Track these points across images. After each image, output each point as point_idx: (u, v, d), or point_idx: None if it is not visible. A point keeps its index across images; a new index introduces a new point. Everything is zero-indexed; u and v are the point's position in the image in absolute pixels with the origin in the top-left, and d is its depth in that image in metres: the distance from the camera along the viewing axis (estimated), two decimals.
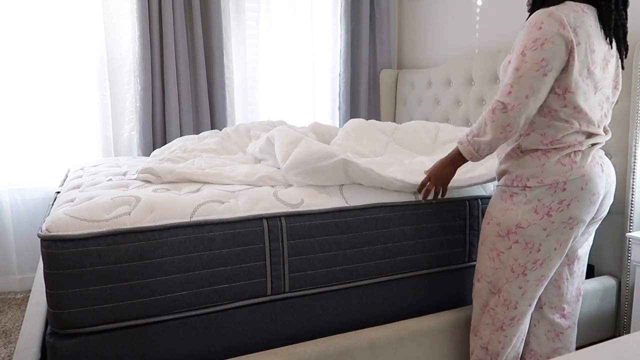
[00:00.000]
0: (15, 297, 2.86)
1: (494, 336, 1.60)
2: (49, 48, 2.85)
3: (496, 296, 1.57)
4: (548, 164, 1.43)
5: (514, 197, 1.49)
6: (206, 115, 3.15)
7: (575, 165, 1.42)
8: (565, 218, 1.43)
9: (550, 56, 1.34)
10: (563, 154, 1.43)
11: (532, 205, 1.45)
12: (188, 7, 3.06)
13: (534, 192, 1.45)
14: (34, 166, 2.91)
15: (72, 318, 1.37)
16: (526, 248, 1.48)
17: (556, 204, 1.43)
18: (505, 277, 1.53)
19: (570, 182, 1.41)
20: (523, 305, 1.55)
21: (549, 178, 1.43)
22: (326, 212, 1.63)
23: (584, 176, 1.42)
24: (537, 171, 1.44)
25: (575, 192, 1.42)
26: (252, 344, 1.58)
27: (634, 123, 2.01)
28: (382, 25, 3.61)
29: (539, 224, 1.44)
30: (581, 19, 1.36)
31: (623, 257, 2.11)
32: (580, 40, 1.36)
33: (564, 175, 1.42)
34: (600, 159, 1.48)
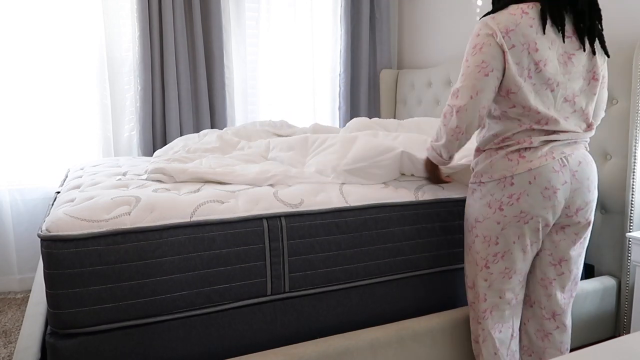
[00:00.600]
0: (15, 297, 2.86)
1: (476, 329, 1.67)
2: (49, 48, 2.85)
3: (472, 290, 1.65)
4: (496, 160, 1.50)
5: (474, 193, 1.58)
6: (206, 115, 3.15)
7: (523, 160, 1.46)
8: (517, 212, 1.48)
9: (488, 58, 1.42)
10: (511, 150, 1.48)
11: (486, 200, 1.53)
12: (188, 7, 3.06)
13: (487, 187, 1.52)
14: (34, 166, 2.91)
15: (72, 318, 1.37)
16: (484, 241, 1.55)
17: (506, 197, 1.48)
18: (474, 271, 1.61)
19: (517, 176, 1.46)
20: (492, 297, 1.60)
21: (497, 173, 1.49)
22: (326, 212, 1.63)
23: (531, 170, 1.45)
24: (487, 167, 1.52)
25: (523, 186, 1.46)
26: (252, 344, 1.58)
27: (634, 123, 2.01)
28: (382, 25, 3.61)
29: (492, 218, 1.51)
30: (516, 22, 1.40)
31: (623, 257, 2.11)
32: (514, 43, 1.40)
33: (510, 170, 1.47)
34: (561, 154, 1.46)
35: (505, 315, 1.63)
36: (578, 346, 2.06)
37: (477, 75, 1.43)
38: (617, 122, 2.08)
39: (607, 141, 2.13)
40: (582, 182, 1.49)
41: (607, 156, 2.14)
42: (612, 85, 2.09)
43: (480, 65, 1.42)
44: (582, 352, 0.78)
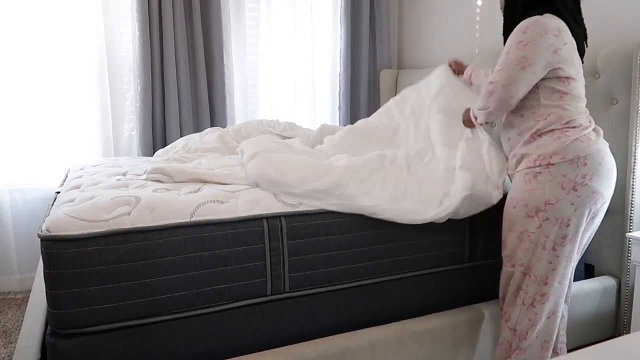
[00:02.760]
0: (15, 297, 2.85)
1: (523, 315, 1.64)
2: (48, 48, 2.85)
3: (527, 276, 1.63)
4: (569, 141, 1.54)
5: (537, 176, 1.57)
6: (206, 115, 3.15)
7: (591, 142, 1.56)
8: (589, 192, 1.54)
9: (530, 55, 1.54)
10: (580, 131, 1.56)
11: (557, 181, 1.54)
12: (188, 7, 3.06)
13: (557, 168, 1.54)
14: (34, 166, 2.91)
15: (72, 318, 1.37)
16: (556, 224, 1.55)
17: (580, 177, 1.53)
18: (537, 255, 1.60)
19: (590, 156, 1.53)
20: (553, 281, 1.61)
21: (570, 153, 1.53)
22: (326, 212, 1.63)
23: (600, 152, 1.55)
24: (559, 148, 1.55)
25: (594, 166, 1.54)
26: (252, 344, 1.58)
27: (634, 123, 2.01)
28: (382, 25, 3.60)
29: (566, 199, 1.54)
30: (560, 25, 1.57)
31: (623, 257, 2.11)
32: (566, 41, 1.57)
33: (584, 150, 1.53)
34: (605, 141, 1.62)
35: (560, 302, 1.65)
36: (578, 346, 2.06)
37: (514, 68, 1.56)
38: (617, 122, 2.08)
39: (607, 141, 2.13)
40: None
41: None
42: (612, 85, 2.09)
43: (520, 59, 1.55)
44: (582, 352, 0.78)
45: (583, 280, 2.13)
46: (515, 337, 1.65)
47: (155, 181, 1.83)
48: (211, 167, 1.98)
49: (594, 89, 2.15)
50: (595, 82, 2.15)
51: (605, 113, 2.13)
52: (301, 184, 1.65)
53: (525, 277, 1.64)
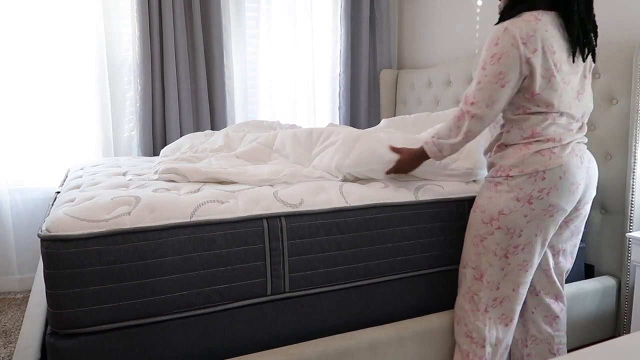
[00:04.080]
0: (15, 297, 2.86)
1: (478, 321, 1.66)
2: (49, 48, 2.85)
3: (479, 281, 1.65)
4: (528, 155, 1.54)
5: (497, 186, 1.60)
6: (206, 115, 3.15)
7: (554, 155, 1.53)
8: (545, 205, 1.53)
9: (506, 69, 1.48)
10: (542, 146, 1.54)
11: (514, 193, 1.55)
12: (188, 7, 3.06)
13: (516, 181, 1.55)
14: (34, 166, 2.91)
15: (72, 318, 1.37)
16: (508, 233, 1.58)
17: (536, 192, 1.53)
18: (489, 261, 1.62)
19: (549, 171, 1.52)
20: (505, 287, 1.63)
21: (529, 167, 1.53)
22: (326, 212, 1.63)
23: (562, 166, 1.52)
24: (518, 161, 1.55)
25: (554, 180, 1.52)
26: (252, 344, 1.58)
27: (634, 123, 2.01)
28: (382, 25, 3.60)
29: (520, 211, 1.55)
30: (533, 27, 1.48)
31: (623, 257, 2.11)
32: (536, 47, 1.48)
33: (543, 164, 1.52)
34: (580, 151, 1.58)
35: (515, 310, 1.67)
36: (578, 346, 2.06)
37: (494, 86, 1.50)
38: (617, 122, 2.08)
39: (607, 141, 2.13)
40: (592, 179, 1.62)
41: (607, 156, 2.14)
42: (612, 85, 2.09)
43: (498, 76, 1.49)
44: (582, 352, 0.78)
45: (583, 280, 2.13)
46: (472, 345, 1.67)
47: (169, 181, 1.83)
48: (223, 167, 1.99)
49: (594, 89, 2.15)
50: (595, 82, 2.15)
51: (605, 113, 2.13)
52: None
53: (477, 282, 1.66)
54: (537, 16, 1.50)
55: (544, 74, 1.50)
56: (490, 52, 1.51)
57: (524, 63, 1.48)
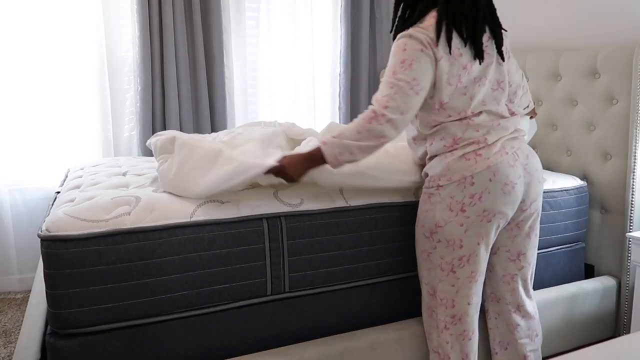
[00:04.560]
0: (15, 297, 2.85)
1: (440, 338, 1.61)
2: (48, 48, 2.85)
3: (434, 298, 1.60)
4: (453, 161, 1.49)
5: (431, 197, 1.55)
6: (206, 115, 3.15)
7: (480, 158, 1.47)
8: (480, 211, 1.47)
9: (419, 76, 1.41)
10: (466, 150, 1.48)
11: (446, 203, 1.50)
12: (188, 7, 3.06)
13: (446, 190, 1.50)
14: (34, 166, 2.91)
15: (72, 318, 1.37)
16: (448, 246, 1.52)
17: (468, 198, 1.47)
18: (438, 276, 1.57)
19: (477, 175, 1.46)
20: (461, 303, 1.57)
21: (456, 174, 1.48)
22: (326, 212, 1.63)
23: (490, 167, 1.46)
24: (444, 169, 1.50)
25: (484, 184, 1.46)
26: (252, 344, 1.58)
27: (634, 123, 2.01)
28: (382, 25, 3.60)
29: (455, 221, 1.49)
30: (437, 31, 1.42)
31: (623, 257, 2.11)
32: (442, 54, 1.42)
33: (470, 169, 1.47)
34: (511, 148, 1.50)
35: (474, 321, 1.61)
36: (578, 346, 2.06)
37: (409, 93, 1.41)
38: (617, 122, 2.08)
39: (607, 141, 2.13)
40: (532, 174, 1.54)
41: (607, 156, 2.15)
42: (612, 85, 2.09)
43: (412, 82, 1.41)
44: (582, 352, 0.78)
45: (583, 280, 2.13)
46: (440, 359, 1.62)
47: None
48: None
49: (594, 89, 2.16)
50: (595, 82, 2.15)
51: (605, 113, 2.13)
52: None
53: (433, 299, 1.60)
54: (431, 20, 1.44)
55: (451, 80, 1.44)
56: (398, 58, 1.42)
57: (434, 70, 1.43)
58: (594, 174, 2.19)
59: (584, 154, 2.22)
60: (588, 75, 2.18)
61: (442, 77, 1.44)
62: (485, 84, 1.49)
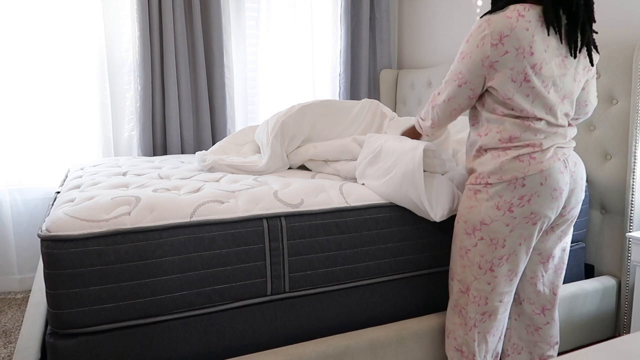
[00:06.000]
0: (15, 297, 2.86)
1: (467, 336, 1.60)
2: (49, 48, 2.85)
3: (465, 295, 1.59)
4: (506, 161, 1.48)
5: (477, 194, 1.54)
6: (206, 115, 3.15)
7: (534, 161, 1.47)
8: (527, 213, 1.47)
9: (465, 70, 1.49)
10: (521, 152, 1.48)
11: (494, 201, 1.49)
12: (188, 7, 3.06)
13: (495, 189, 1.49)
14: (34, 166, 2.91)
15: (72, 318, 1.37)
16: (491, 244, 1.52)
17: (517, 199, 1.47)
18: (473, 274, 1.56)
19: (529, 177, 1.46)
20: (493, 301, 1.57)
21: (507, 174, 1.48)
22: (326, 212, 1.63)
23: (543, 172, 1.46)
24: (497, 168, 1.49)
25: (534, 187, 1.46)
26: (252, 344, 1.58)
27: (634, 123, 2.01)
28: (382, 25, 3.60)
29: (501, 220, 1.49)
30: (512, 26, 1.39)
31: (623, 257, 2.11)
32: (508, 49, 1.40)
33: (522, 171, 1.46)
34: (563, 155, 1.50)
35: (503, 319, 1.62)
36: (578, 346, 2.06)
37: (453, 84, 1.54)
38: (617, 122, 2.08)
39: (607, 141, 2.13)
40: (577, 183, 1.55)
41: (607, 156, 2.15)
42: (612, 85, 2.09)
43: (457, 75, 1.52)
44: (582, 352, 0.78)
45: (583, 280, 2.13)
46: (463, 358, 1.62)
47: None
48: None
49: None
50: (596, 82, 2.15)
51: (605, 113, 2.13)
52: None
53: (464, 296, 1.59)
54: (521, 12, 1.41)
55: (515, 77, 1.43)
56: (462, 48, 1.52)
57: (488, 67, 1.44)
58: (594, 174, 2.19)
59: (584, 154, 2.22)
60: None
61: (506, 73, 1.43)
62: (557, 91, 1.47)
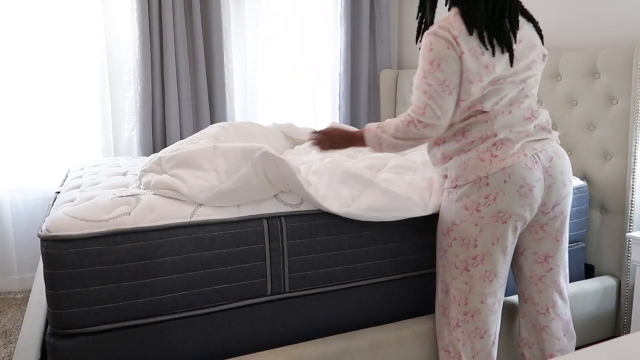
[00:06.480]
0: (15, 297, 2.85)
1: (452, 336, 1.61)
2: (49, 48, 2.85)
3: (447, 295, 1.61)
4: (468, 161, 1.50)
5: (449, 195, 1.57)
6: (206, 115, 3.15)
7: (496, 159, 1.47)
8: (494, 212, 1.48)
9: (449, 75, 1.43)
10: (481, 150, 1.48)
11: (462, 202, 1.52)
12: (188, 7, 3.06)
13: (463, 190, 1.52)
14: (34, 166, 2.91)
15: (72, 318, 1.37)
16: (463, 244, 1.53)
17: (483, 198, 1.48)
18: (452, 274, 1.58)
19: (492, 176, 1.47)
20: (474, 301, 1.57)
21: (471, 174, 1.49)
22: (326, 212, 1.63)
23: (505, 169, 1.46)
24: (461, 169, 1.52)
25: (499, 185, 1.46)
26: (252, 344, 1.58)
27: (634, 123, 2.01)
28: (382, 25, 3.60)
29: (469, 220, 1.50)
30: (459, 28, 1.43)
31: (623, 257, 2.11)
32: (463, 49, 1.42)
33: (484, 170, 1.47)
34: (532, 150, 1.49)
35: (489, 321, 1.60)
36: (578, 346, 2.06)
37: (442, 95, 1.45)
38: (617, 122, 2.08)
39: (607, 141, 2.13)
40: (556, 178, 1.52)
41: (607, 156, 2.15)
42: (612, 85, 2.09)
43: (443, 84, 1.44)
44: (582, 352, 0.78)
45: (583, 280, 2.13)
46: (450, 359, 1.62)
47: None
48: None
49: (594, 89, 2.16)
50: (595, 82, 2.15)
51: (605, 113, 2.13)
52: None
53: (446, 296, 1.61)
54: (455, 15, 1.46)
55: (472, 77, 1.43)
56: (427, 59, 1.45)
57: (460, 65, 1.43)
58: (594, 174, 2.19)
59: (584, 154, 2.22)
60: (588, 76, 2.18)
61: (464, 74, 1.44)
62: (508, 84, 1.47)
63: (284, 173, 1.53)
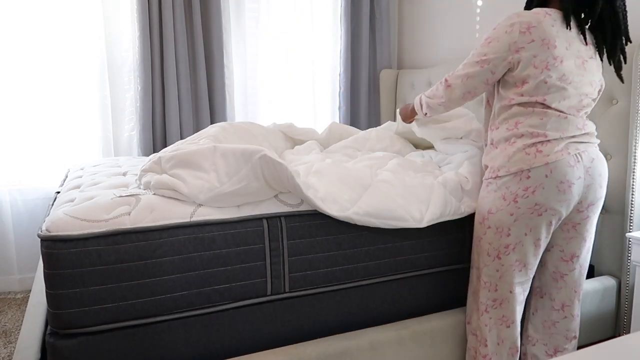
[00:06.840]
0: (15, 297, 2.86)
1: (480, 321, 1.67)
2: (49, 48, 2.85)
3: (479, 281, 1.67)
4: (513, 153, 1.55)
5: (488, 186, 1.63)
6: (206, 115, 3.15)
7: (540, 154, 1.52)
8: (531, 204, 1.53)
9: (491, 52, 1.54)
10: (528, 143, 1.53)
11: (500, 192, 1.57)
12: (188, 7, 3.06)
13: (503, 180, 1.57)
14: (34, 166, 2.91)
15: (72, 318, 1.37)
16: (497, 232, 1.59)
17: (522, 190, 1.53)
18: (484, 261, 1.64)
19: (534, 170, 1.52)
20: (503, 289, 1.63)
21: (514, 167, 1.54)
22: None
23: (548, 164, 1.51)
24: (504, 161, 1.57)
25: (539, 179, 1.51)
26: (252, 344, 1.58)
27: (634, 123, 2.01)
28: (382, 25, 3.60)
29: (505, 210, 1.56)
30: (539, 20, 1.50)
31: (623, 257, 2.11)
32: (534, 38, 1.49)
33: (528, 163, 1.52)
34: (575, 150, 1.54)
35: (516, 311, 1.66)
36: (578, 346, 2.06)
37: (473, 64, 1.58)
38: (617, 122, 2.08)
39: (607, 141, 2.13)
40: (594, 178, 1.57)
41: (607, 156, 2.14)
42: (612, 85, 2.08)
43: (482, 56, 1.56)
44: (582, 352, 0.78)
45: None
46: (477, 342, 1.69)
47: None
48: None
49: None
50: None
51: (605, 113, 2.13)
52: None
53: (478, 282, 1.68)
54: (548, 12, 1.52)
55: (538, 64, 1.50)
56: (488, 34, 1.57)
57: (514, 52, 1.51)
58: None
59: None
60: None
61: (530, 59, 1.49)
62: (571, 81, 1.52)
63: (282, 176, 1.53)
